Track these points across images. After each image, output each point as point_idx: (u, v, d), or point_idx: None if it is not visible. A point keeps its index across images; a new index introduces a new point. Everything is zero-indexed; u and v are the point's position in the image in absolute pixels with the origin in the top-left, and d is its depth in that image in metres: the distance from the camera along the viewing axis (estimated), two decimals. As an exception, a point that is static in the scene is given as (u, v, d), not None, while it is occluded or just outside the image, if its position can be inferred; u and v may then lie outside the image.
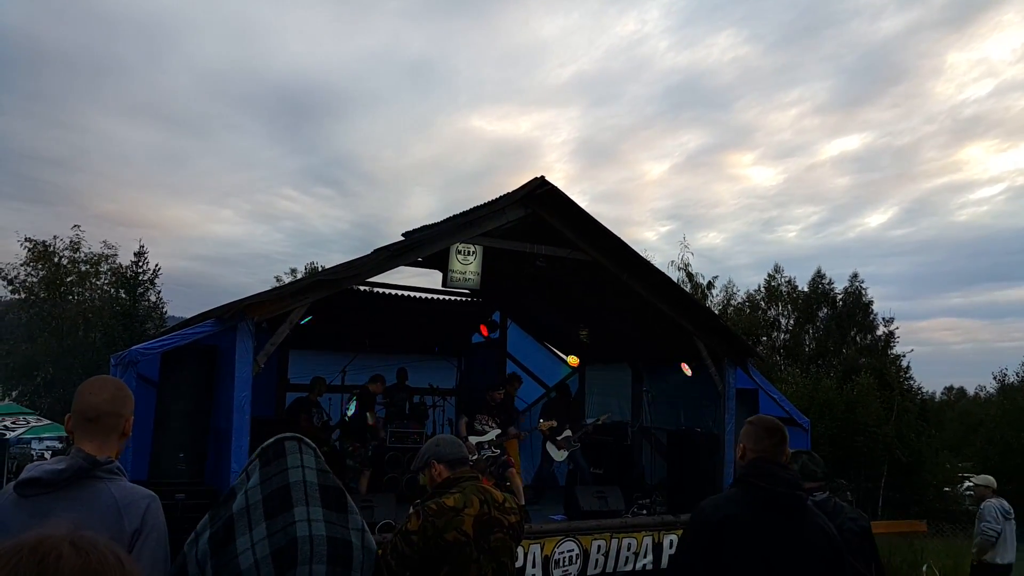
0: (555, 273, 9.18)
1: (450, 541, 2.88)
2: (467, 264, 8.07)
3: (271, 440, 2.22)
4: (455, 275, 8.04)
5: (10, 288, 22.01)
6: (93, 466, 2.12)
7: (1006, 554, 7.70)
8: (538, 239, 8.41)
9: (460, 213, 8.14)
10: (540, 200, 8.07)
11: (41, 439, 18.38)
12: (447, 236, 7.91)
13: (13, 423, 16.16)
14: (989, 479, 8.18)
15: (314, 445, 2.25)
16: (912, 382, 27.67)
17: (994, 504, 7.75)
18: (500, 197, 8.01)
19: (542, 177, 7.92)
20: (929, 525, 16.80)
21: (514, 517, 3.12)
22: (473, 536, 2.94)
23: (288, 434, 2.24)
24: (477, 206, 8.08)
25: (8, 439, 16.11)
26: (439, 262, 8.46)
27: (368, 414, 9.21)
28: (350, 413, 9.26)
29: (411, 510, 3.05)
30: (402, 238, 8.19)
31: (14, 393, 22.01)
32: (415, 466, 3.31)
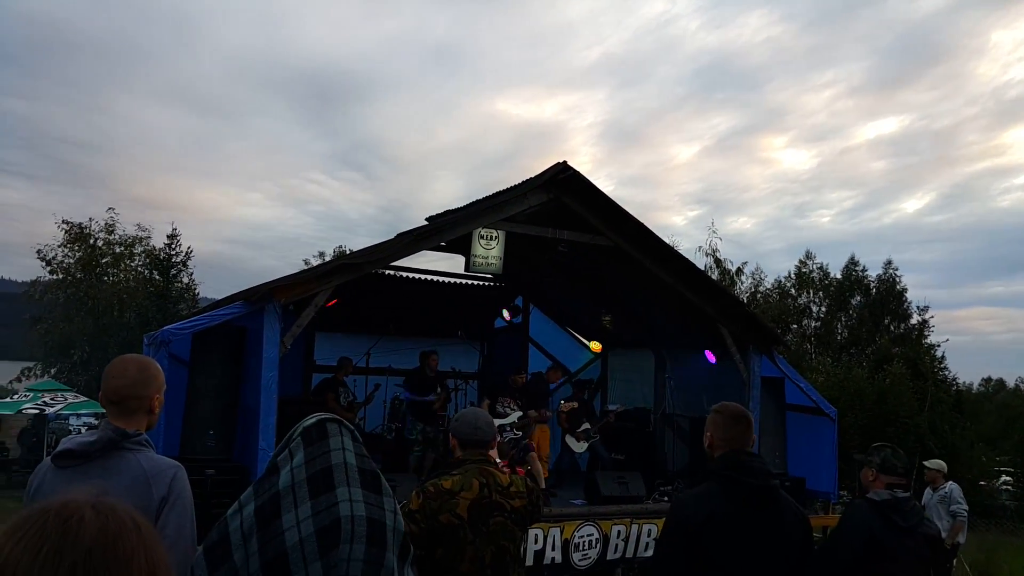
0: (578, 258, 9.22)
1: (443, 523, 2.92)
2: (490, 249, 8.14)
3: (313, 421, 2.28)
4: (478, 260, 8.12)
5: (48, 269, 22.57)
6: (122, 438, 2.25)
7: (966, 533, 8.29)
8: (560, 224, 8.45)
9: (483, 198, 8.21)
10: (562, 185, 8.10)
11: (79, 415, 18.91)
12: (469, 221, 7.98)
13: (52, 399, 16.62)
14: (941, 464, 8.54)
15: (352, 427, 2.33)
16: (946, 372, 27.28)
17: (957, 486, 8.20)
18: (522, 182, 8.06)
19: (564, 162, 7.95)
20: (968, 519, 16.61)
21: (519, 501, 3.09)
22: (468, 519, 2.94)
23: (328, 415, 2.31)
24: (499, 191, 8.14)
25: (47, 414, 16.62)
26: (462, 247, 8.54)
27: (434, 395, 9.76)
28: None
29: (414, 490, 3.12)
30: (426, 223, 8.29)
31: (52, 370, 22.62)
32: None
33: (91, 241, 22.93)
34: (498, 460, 3.44)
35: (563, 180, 8.06)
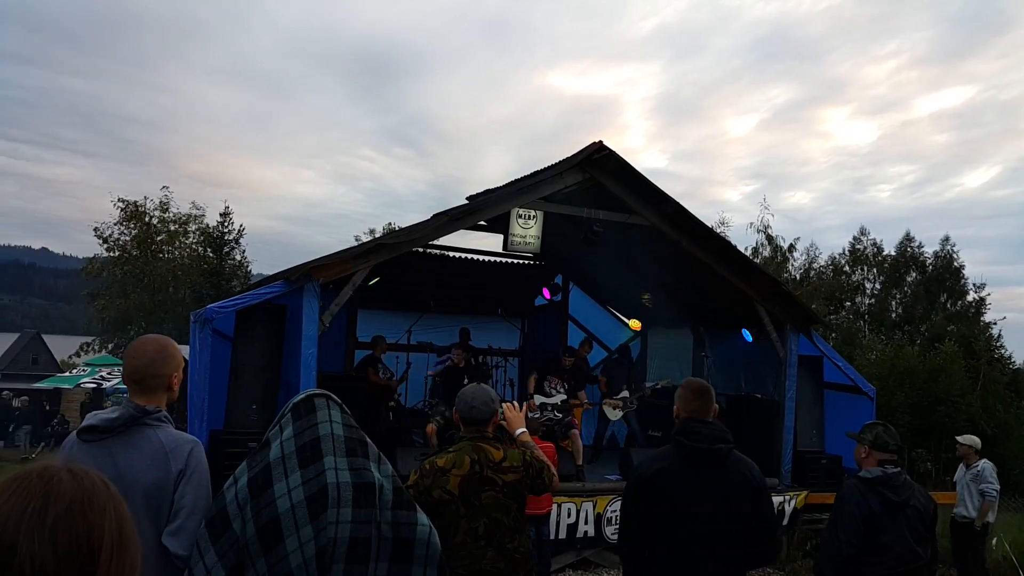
0: (615, 237, 9.22)
1: (436, 499, 3.07)
2: (528, 228, 8.20)
3: (302, 397, 2.43)
4: (516, 239, 8.20)
5: (105, 246, 23.33)
6: (143, 415, 2.40)
7: (995, 512, 7.93)
8: (598, 204, 8.45)
9: (520, 178, 8.27)
10: (598, 165, 8.10)
11: (136, 389, 19.66)
12: (506, 201, 8.05)
13: (109, 373, 17.33)
14: (975, 439, 8.25)
15: (340, 401, 2.46)
16: (1003, 351, 26.48)
17: (989, 464, 7.88)
18: (559, 162, 8.09)
19: (600, 142, 7.95)
20: (1012, 499, 16.25)
21: (512, 476, 3.18)
22: (459, 495, 3.07)
23: (316, 391, 2.46)
24: (536, 171, 8.18)
25: (105, 388, 17.35)
26: (502, 226, 8.62)
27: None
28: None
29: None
30: (466, 202, 8.38)
31: (110, 345, 23.48)
32: None
33: (146, 219, 23.62)
34: (520, 431, 3.51)
35: (598, 160, 8.06)
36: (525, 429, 3.54)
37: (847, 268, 35.11)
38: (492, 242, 10.65)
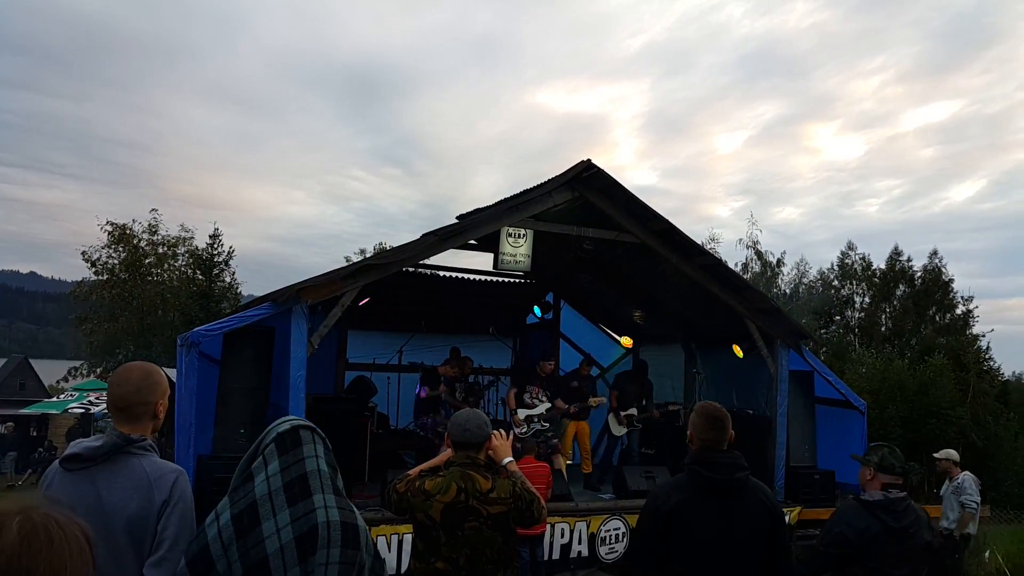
0: (605, 255, 9.22)
1: (419, 521, 3.05)
2: (517, 247, 8.19)
3: (287, 428, 2.35)
4: (506, 258, 8.18)
5: (93, 270, 23.15)
6: (127, 443, 2.35)
7: (976, 524, 8.04)
8: (587, 222, 8.46)
9: (509, 197, 8.26)
10: (586, 183, 8.11)
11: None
12: (495, 219, 8.03)
13: (97, 398, 17.13)
14: (951, 453, 8.32)
15: (323, 434, 2.40)
16: (991, 363, 26.60)
17: (970, 476, 7.98)
18: (547, 181, 8.10)
19: (588, 160, 7.96)
20: (1004, 512, 16.27)
21: (498, 508, 3.08)
22: (440, 522, 3.01)
23: (301, 422, 2.39)
24: (525, 190, 8.18)
25: (93, 414, 17.18)
26: (492, 244, 8.59)
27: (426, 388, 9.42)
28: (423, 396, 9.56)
29: (412, 473, 3.26)
30: (456, 221, 8.36)
31: (98, 370, 23.24)
32: None
33: (135, 242, 23.48)
34: (507, 460, 3.42)
35: (587, 178, 8.07)
36: (512, 459, 3.44)
37: (836, 282, 35.28)
38: (482, 261, 10.61)
